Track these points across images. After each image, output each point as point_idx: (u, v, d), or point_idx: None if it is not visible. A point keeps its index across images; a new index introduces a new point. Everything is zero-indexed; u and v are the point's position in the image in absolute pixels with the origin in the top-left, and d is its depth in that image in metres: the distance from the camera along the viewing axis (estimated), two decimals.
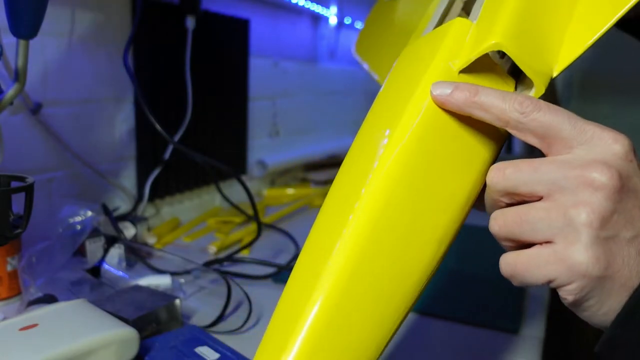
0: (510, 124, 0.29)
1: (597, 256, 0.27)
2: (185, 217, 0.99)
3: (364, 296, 0.29)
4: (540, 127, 0.28)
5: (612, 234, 0.27)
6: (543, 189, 0.28)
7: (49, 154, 0.74)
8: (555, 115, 0.28)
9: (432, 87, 0.31)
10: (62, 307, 0.48)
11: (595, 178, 0.27)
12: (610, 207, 0.27)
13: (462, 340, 0.59)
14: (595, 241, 0.27)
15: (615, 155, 0.28)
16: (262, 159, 1.19)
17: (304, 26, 1.39)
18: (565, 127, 0.28)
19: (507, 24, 0.31)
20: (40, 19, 0.54)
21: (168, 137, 0.78)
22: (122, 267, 0.68)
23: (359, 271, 0.29)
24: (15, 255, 0.60)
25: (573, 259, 0.27)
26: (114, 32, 0.82)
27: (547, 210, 0.28)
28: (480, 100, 0.29)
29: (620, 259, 0.27)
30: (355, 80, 1.76)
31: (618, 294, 0.28)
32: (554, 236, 0.28)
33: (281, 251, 0.85)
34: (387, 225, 0.29)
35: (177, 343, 0.50)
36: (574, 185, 0.27)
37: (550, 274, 0.28)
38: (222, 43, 1.03)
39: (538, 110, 0.28)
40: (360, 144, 0.34)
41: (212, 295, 0.66)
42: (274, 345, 0.29)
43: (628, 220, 0.27)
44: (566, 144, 0.28)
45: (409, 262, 0.30)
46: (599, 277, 0.27)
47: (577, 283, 0.27)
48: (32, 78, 0.68)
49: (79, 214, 0.66)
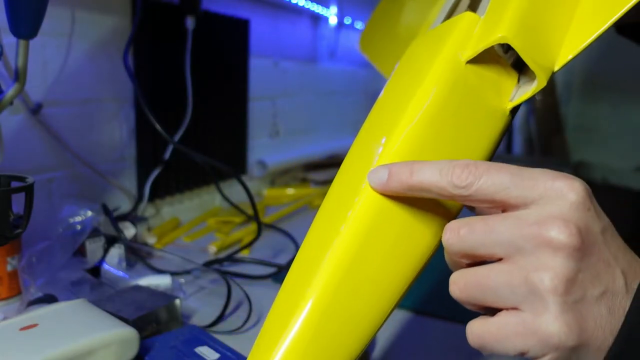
0: (456, 198, 0.28)
1: (568, 324, 0.25)
2: (185, 217, 0.99)
3: (353, 297, 0.29)
4: (486, 195, 0.27)
5: (579, 296, 0.25)
6: (501, 250, 0.26)
7: (49, 154, 0.74)
8: (499, 178, 0.26)
9: (368, 176, 0.30)
10: (62, 307, 0.48)
11: (553, 237, 0.25)
12: (574, 267, 0.25)
13: (462, 340, 0.58)
14: (564, 308, 0.25)
15: (572, 205, 0.26)
16: (262, 159, 1.19)
17: (304, 26, 1.39)
18: (511, 188, 0.26)
19: (513, 19, 0.32)
20: (40, 19, 0.54)
21: (168, 137, 0.78)
22: (122, 267, 0.68)
23: (351, 272, 0.30)
24: (15, 255, 0.60)
25: (544, 331, 0.25)
26: (114, 32, 0.82)
27: (508, 274, 0.26)
28: (417, 180, 0.28)
29: (592, 321, 0.26)
30: (355, 80, 1.76)
31: (595, 356, 0.26)
32: (519, 303, 0.26)
33: (281, 251, 0.85)
34: (379, 229, 0.30)
35: (177, 343, 0.50)
36: (532, 246, 0.26)
37: (522, 347, 0.26)
38: (222, 43, 1.03)
39: (478, 179, 0.27)
40: (366, 134, 0.35)
41: (212, 295, 0.66)
42: (268, 341, 0.29)
43: (594, 276, 0.26)
44: (518, 204, 0.27)
45: (396, 267, 0.31)
46: (574, 347, 0.25)
47: (552, 354, 0.26)
48: (32, 78, 0.68)
49: (79, 214, 0.66)
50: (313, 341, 0.28)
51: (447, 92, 0.32)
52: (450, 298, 0.29)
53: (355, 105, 1.80)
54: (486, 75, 0.32)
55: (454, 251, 0.28)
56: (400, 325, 0.61)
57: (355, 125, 1.80)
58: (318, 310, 0.29)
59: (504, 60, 0.34)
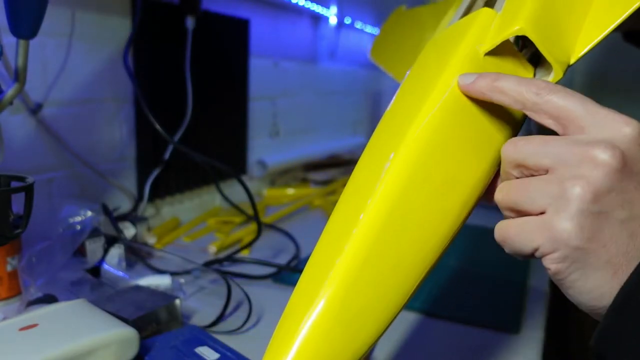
0: (527, 106, 0.30)
1: (581, 226, 0.27)
2: (185, 217, 0.99)
3: (376, 280, 0.30)
4: (554, 109, 0.29)
5: (604, 210, 0.27)
6: (549, 162, 0.29)
7: (49, 154, 0.74)
8: (570, 99, 0.29)
9: (459, 78, 0.33)
10: (62, 307, 0.48)
11: (597, 155, 0.27)
12: (607, 184, 0.27)
13: (462, 340, 0.59)
14: (583, 213, 0.27)
15: (625, 137, 0.28)
16: (262, 159, 1.19)
17: (304, 26, 1.39)
18: (578, 110, 0.29)
19: (530, 13, 0.34)
20: (40, 19, 0.54)
21: (168, 137, 0.78)
22: (122, 267, 0.68)
23: (375, 253, 0.30)
24: (15, 255, 0.60)
25: (557, 227, 0.28)
26: (114, 32, 0.82)
27: (546, 181, 0.29)
28: (500, 84, 0.31)
29: (608, 235, 0.27)
30: (355, 80, 1.76)
31: (602, 269, 0.28)
32: (547, 206, 0.28)
33: (281, 251, 0.85)
34: (407, 204, 0.31)
35: (177, 343, 0.50)
36: (576, 160, 0.28)
37: (535, 242, 0.28)
38: (222, 43, 1.03)
39: (553, 93, 0.29)
40: (388, 121, 0.36)
41: (212, 295, 0.66)
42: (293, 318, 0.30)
43: (625, 201, 0.27)
44: (579, 125, 0.29)
45: (420, 249, 0.31)
46: (581, 248, 0.27)
47: (560, 252, 0.28)
48: (32, 78, 0.68)
49: (79, 214, 0.66)
50: (344, 306, 0.29)
51: (455, 102, 0.33)
52: (451, 298, 0.29)
53: (355, 105, 1.80)
54: (504, 67, 0.34)
55: (509, 161, 0.31)
56: (402, 326, 0.61)
57: (355, 125, 1.80)
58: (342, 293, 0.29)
59: (520, 54, 0.36)
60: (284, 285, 0.71)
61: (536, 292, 0.72)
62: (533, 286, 0.74)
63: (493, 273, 0.78)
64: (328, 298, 0.29)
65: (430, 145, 0.32)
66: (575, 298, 0.29)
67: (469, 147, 0.32)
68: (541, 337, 0.60)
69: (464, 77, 0.33)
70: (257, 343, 0.56)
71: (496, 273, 0.78)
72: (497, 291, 0.71)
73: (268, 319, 0.61)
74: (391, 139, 0.33)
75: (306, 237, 0.90)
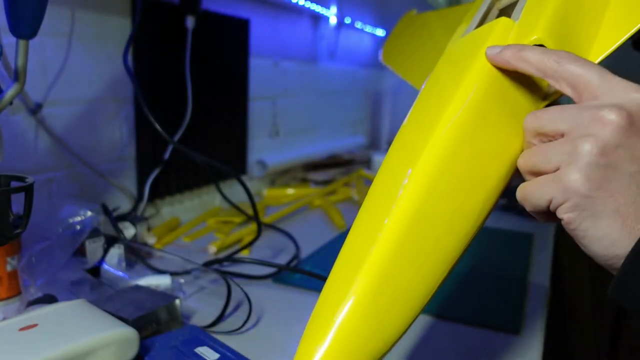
0: (548, 73, 0.32)
1: (588, 177, 0.29)
2: (185, 217, 0.99)
3: (404, 275, 0.32)
4: (572, 76, 0.32)
5: (612, 163, 0.29)
6: (564, 126, 0.31)
7: (49, 154, 0.74)
8: (588, 67, 0.32)
9: (487, 49, 0.35)
10: (62, 307, 0.48)
11: (605, 115, 0.30)
12: (615, 140, 0.29)
13: (462, 340, 0.59)
14: (591, 165, 0.29)
15: (633, 100, 0.30)
16: (262, 159, 1.19)
17: (304, 26, 1.39)
18: (594, 78, 0.31)
19: (548, 23, 0.36)
20: (40, 19, 0.54)
21: (168, 137, 0.78)
22: (122, 267, 0.68)
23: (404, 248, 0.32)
24: (15, 255, 0.60)
25: (567, 177, 0.30)
26: (114, 32, 0.82)
27: (561, 143, 0.31)
28: (524, 54, 0.33)
29: (616, 186, 0.29)
30: (355, 80, 1.76)
31: (611, 218, 0.30)
32: (560, 163, 0.31)
33: (281, 251, 0.85)
34: (432, 206, 0.32)
35: (177, 343, 0.50)
36: (587, 121, 0.30)
37: (549, 194, 0.31)
38: (222, 43, 1.03)
39: (572, 62, 0.32)
40: (408, 129, 0.38)
41: (212, 295, 0.66)
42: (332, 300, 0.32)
43: (633, 156, 0.30)
44: (594, 92, 0.31)
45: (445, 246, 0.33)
46: (589, 196, 0.30)
47: (571, 201, 0.30)
48: (32, 78, 0.68)
49: (79, 214, 0.66)
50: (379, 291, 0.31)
51: (486, 90, 0.35)
52: (451, 298, 0.30)
53: (355, 105, 1.80)
54: (521, 75, 0.35)
55: (529, 129, 0.33)
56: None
57: (355, 125, 1.80)
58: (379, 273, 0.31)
59: None
60: (284, 285, 0.71)
61: (536, 292, 0.72)
62: (533, 286, 0.74)
63: (493, 273, 0.78)
64: (360, 290, 0.31)
65: (453, 150, 0.33)
66: (589, 248, 0.31)
67: (488, 152, 0.34)
68: (541, 338, 0.60)
69: (491, 48, 0.35)
70: (257, 343, 0.56)
71: (496, 273, 0.78)
72: (497, 291, 0.71)
73: (268, 319, 0.61)
74: (414, 144, 0.35)
75: (306, 237, 0.90)
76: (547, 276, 0.78)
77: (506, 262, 0.83)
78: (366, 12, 1.51)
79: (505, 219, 1.06)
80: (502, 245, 0.92)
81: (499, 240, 0.93)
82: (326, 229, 0.98)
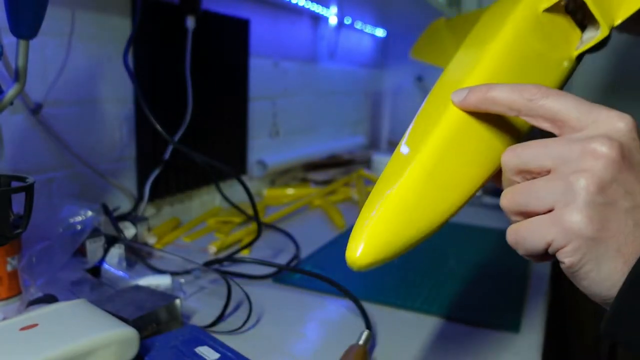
0: (522, 112, 0.32)
1: (590, 217, 0.28)
2: (185, 217, 0.99)
3: (455, 164, 0.34)
4: (549, 112, 0.31)
5: (609, 200, 0.28)
6: (550, 162, 0.30)
7: (49, 154, 0.74)
8: (563, 101, 0.30)
9: (452, 95, 0.35)
10: (62, 307, 0.48)
11: (596, 148, 0.28)
12: (609, 175, 0.28)
13: (462, 340, 0.59)
14: (591, 204, 0.28)
15: (619, 131, 0.29)
16: (262, 159, 1.19)
17: (304, 26, 1.39)
18: (572, 110, 0.30)
19: None
20: (40, 19, 0.54)
21: (168, 137, 0.78)
22: (122, 267, 0.68)
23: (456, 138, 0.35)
24: (15, 255, 0.60)
25: (567, 219, 0.28)
26: (114, 32, 0.82)
27: (551, 180, 0.30)
28: (493, 95, 0.32)
29: (615, 224, 0.28)
30: (355, 80, 1.76)
31: (613, 259, 0.28)
32: (554, 202, 0.29)
33: (281, 251, 0.85)
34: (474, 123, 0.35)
35: (177, 343, 0.50)
36: (577, 156, 0.29)
37: (548, 237, 0.29)
38: (222, 43, 1.03)
39: (546, 97, 0.31)
40: (455, 64, 0.41)
41: (212, 295, 0.66)
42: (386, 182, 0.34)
43: (628, 191, 0.28)
44: (575, 125, 0.30)
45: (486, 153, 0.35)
46: (593, 239, 0.28)
47: (573, 244, 0.29)
48: (32, 78, 0.68)
49: (79, 214, 0.66)
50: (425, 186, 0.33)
51: (527, 32, 0.38)
52: (451, 298, 0.30)
53: (355, 105, 1.80)
54: (558, 24, 0.38)
55: (510, 167, 0.32)
56: (402, 326, 0.61)
57: (355, 125, 1.80)
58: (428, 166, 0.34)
59: (569, 17, 0.41)
60: (284, 285, 0.71)
61: (536, 291, 0.72)
62: (533, 286, 0.74)
63: (493, 273, 0.78)
64: (412, 174, 0.34)
65: (494, 77, 0.36)
66: (588, 289, 0.30)
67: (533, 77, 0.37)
68: (541, 337, 0.60)
69: (455, 94, 0.35)
70: (257, 343, 0.56)
71: (496, 273, 0.78)
72: (497, 291, 0.71)
73: (268, 319, 0.61)
74: (460, 73, 0.38)
75: (306, 237, 0.90)
76: (547, 276, 0.78)
77: (506, 261, 0.83)
78: (366, 12, 1.50)
79: (505, 218, 1.06)
80: (502, 244, 0.92)
81: (499, 240, 0.93)
82: (326, 229, 0.98)
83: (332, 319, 0.63)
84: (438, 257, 0.82)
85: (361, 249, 0.31)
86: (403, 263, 0.79)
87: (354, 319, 0.62)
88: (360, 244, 0.31)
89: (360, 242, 0.32)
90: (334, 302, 0.66)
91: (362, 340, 0.53)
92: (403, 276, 0.75)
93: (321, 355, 0.54)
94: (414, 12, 1.41)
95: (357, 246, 0.32)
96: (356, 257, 0.31)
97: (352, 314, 0.63)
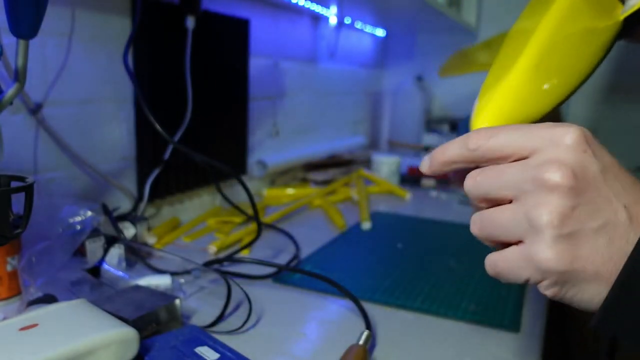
0: (477, 161, 0.32)
1: (558, 252, 0.28)
2: (185, 217, 0.99)
3: (565, 53, 0.39)
4: (497, 152, 0.31)
5: (575, 228, 0.28)
6: (510, 193, 0.30)
7: (49, 154, 0.74)
8: (505, 134, 0.31)
9: (420, 167, 0.36)
10: (62, 307, 0.48)
11: (549, 178, 0.28)
12: (568, 204, 0.28)
13: (462, 340, 0.59)
14: (557, 239, 0.28)
15: (567, 149, 0.29)
16: (262, 159, 1.19)
17: (304, 26, 1.39)
18: (517, 140, 0.30)
19: None
20: (40, 19, 0.54)
21: (168, 137, 0.78)
22: (122, 267, 0.68)
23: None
24: (15, 255, 0.60)
25: (538, 258, 0.29)
26: (114, 32, 0.82)
27: (513, 212, 0.30)
28: (447, 156, 0.33)
29: (587, 249, 0.28)
30: (355, 80, 1.76)
31: (595, 281, 0.29)
32: (522, 236, 0.30)
33: (281, 251, 0.85)
34: None
35: (177, 343, 0.50)
36: (532, 187, 0.29)
37: (524, 274, 0.30)
38: (222, 43, 1.03)
39: (488, 139, 0.31)
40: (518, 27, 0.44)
41: (212, 295, 0.66)
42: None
43: (593, 210, 0.28)
44: (524, 154, 0.30)
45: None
46: (567, 272, 0.28)
47: (548, 280, 0.29)
48: (32, 78, 0.68)
49: (79, 214, 0.66)
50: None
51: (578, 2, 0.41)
52: (450, 297, 0.30)
53: (355, 105, 1.80)
54: None
55: (473, 196, 0.32)
56: (401, 325, 0.61)
57: (355, 125, 1.80)
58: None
59: None
60: (284, 285, 0.71)
61: (536, 291, 0.72)
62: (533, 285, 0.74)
63: None
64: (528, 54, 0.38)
65: None
66: (580, 307, 0.30)
67: None
68: (541, 336, 0.60)
69: (421, 165, 0.36)
70: (257, 343, 0.56)
71: None
72: (497, 290, 0.71)
73: (268, 319, 0.61)
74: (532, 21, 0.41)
75: (306, 237, 0.90)
76: None
77: None
78: (366, 12, 1.50)
79: None
80: None
81: None
82: (326, 229, 0.98)
83: (332, 319, 0.63)
84: (438, 257, 0.82)
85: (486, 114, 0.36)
86: (403, 263, 0.79)
87: (354, 319, 0.62)
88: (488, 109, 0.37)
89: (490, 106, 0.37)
90: (334, 302, 0.66)
91: (362, 340, 0.53)
92: (403, 276, 0.75)
93: (321, 355, 0.54)
94: (414, 12, 1.41)
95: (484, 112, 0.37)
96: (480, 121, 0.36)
97: (352, 314, 0.63)
